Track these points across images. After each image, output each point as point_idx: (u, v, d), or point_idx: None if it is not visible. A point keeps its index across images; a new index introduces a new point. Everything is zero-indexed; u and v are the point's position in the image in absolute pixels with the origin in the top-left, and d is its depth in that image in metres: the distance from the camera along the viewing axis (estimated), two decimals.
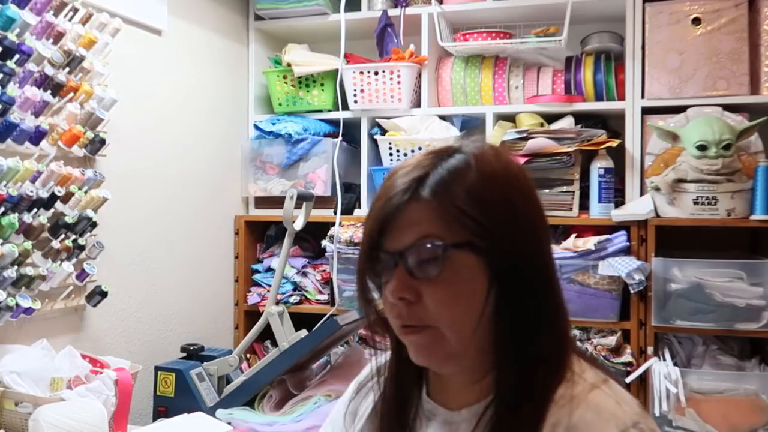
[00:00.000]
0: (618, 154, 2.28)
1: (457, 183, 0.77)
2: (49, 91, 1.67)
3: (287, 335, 2.00)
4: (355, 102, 2.49)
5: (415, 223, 0.76)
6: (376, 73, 2.44)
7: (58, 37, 1.68)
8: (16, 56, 1.57)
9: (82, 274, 1.80)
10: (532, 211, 0.80)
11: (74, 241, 1.76)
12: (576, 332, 2.14)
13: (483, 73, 2.43)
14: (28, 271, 1.62)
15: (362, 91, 2.47)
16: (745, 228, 2.25)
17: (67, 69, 1.72)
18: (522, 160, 2.22)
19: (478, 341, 0.77)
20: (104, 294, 1.85)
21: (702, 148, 2.06)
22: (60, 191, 1.68)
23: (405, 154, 2.41)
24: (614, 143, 2.21)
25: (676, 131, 2.12)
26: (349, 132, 2.56)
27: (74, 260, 1.77)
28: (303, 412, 1.83)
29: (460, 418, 0.82)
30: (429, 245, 0.75)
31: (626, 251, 2.14)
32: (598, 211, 2.23)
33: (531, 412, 0.75)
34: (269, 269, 2.56)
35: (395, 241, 0.78)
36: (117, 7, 1.92)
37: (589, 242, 2.15)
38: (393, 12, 2.50)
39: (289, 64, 2.54)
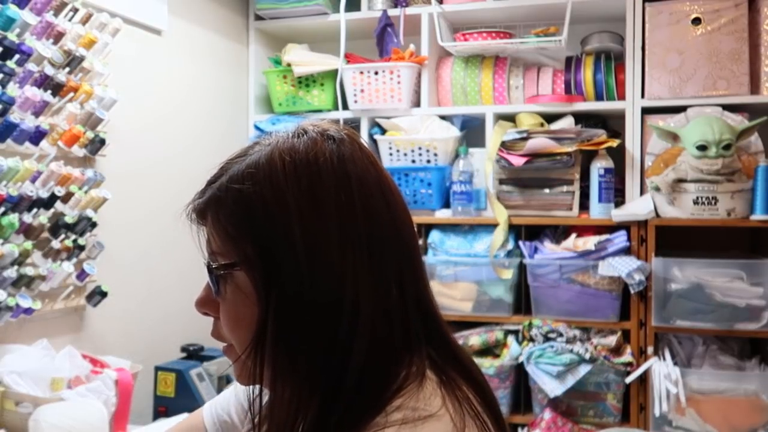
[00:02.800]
0: (618, 154, 2.28)
1: (236, 195, 0.69)
2: (49, 91, 1.67)
3: None
4: (355, 102, 2.49)
5: (210, 232, 0.74)
6: (376, 73, 2.44)
7: (58, 37, 1.68)
8: (16, 56, 1.57)
9: (82, 274, 1.80)
10: (323, 221, 0.66)
11: (74, 241, 1.76)
12: (576, 332, 2.14)
13: (483, 73, 2.43)
14: (28, 271, 1.62)
15: (362, 91, 2.47)
16: (745, 228, 2.25)
17: (67, 69, 1.72)
18: (522, 160, 2.23)
19: (275, 368, 0.68)
20: (104, 294, 1.85)
21: (702, 148, 2.06)
22: (60, 191, 1.68)
23: (405, 154, 2.42)
24: (614, 143, 2.21)
25: (676, 131, 2.12)
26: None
27: (74, 260, 1.77)
28: None
29: None
30: (209, 263, 0.73)
31: (626, 251, 2.14)
32: (598, 211, 2.23)
33: None
34: None
35: (206, 247, 0.76)
36: (117, 7, 1.91)
37: (589, 242, 2.15)
38: (393, 12, 2.50)
39: (289, 64, 2.54)
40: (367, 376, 0.65)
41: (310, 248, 0.66)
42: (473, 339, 2.22)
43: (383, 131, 2.47)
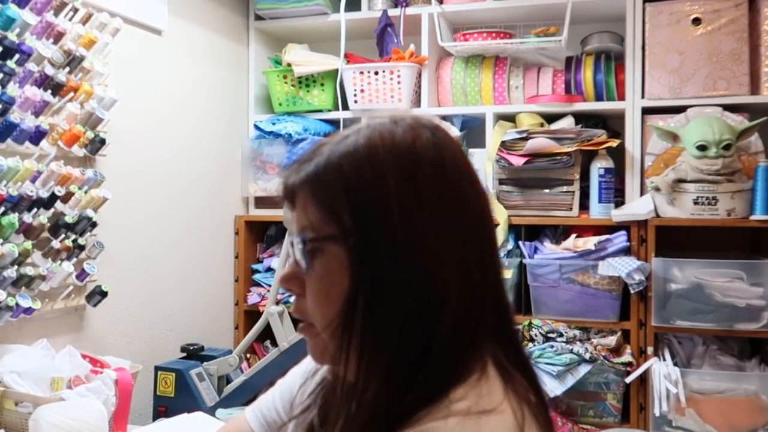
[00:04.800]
0: (618, 154, 2.28)
1: (336, 171, 0.69)
2: (49, 91, 1.67)
3: (287, 335, 2.00)
4: (355, 102, 2.49)
5: (301, 208, 0.72)
6: (376, 73, 2.44)
7: (58, 37, 1.68)
8: (16, 56, 1.57)
9: (82, 274, 1.80)
10: (420, 204, 0.68)
11: (74, 241, 1.76)
12: (576, 332, 2.14)
13: (483, 73, 2.43)
14: (28, 271, 1.62)
15: (362, 91, 2.47)
16: (745, 228, 2.25)
17: (67, 69, 1.72)
18: (522, 160, 2.23)
19: (350, 348, 0.68)
20: (104, 294, 1.85)
21: (702, 148, 2.06)
22: (60, 191, 1.68)
23: None
24: (614, 143, 2.21)
25: (676, 131, 2.12)
26: None
27: (74, 260, 1.77)
28: None
29: None
30: (302, 237, 0.71)
31: (626, 251, 2.14)
32: (598, 211, 2.23)
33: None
34: (269, 269, 2.56)
35: (291, 226, 0.74)
36: (117, 7, 1.91)
37: (589, 242, 2.15)
38: (393, 12, 2.50)
39: (289, 64, 2.54)
40: (442, 361, 0.67)
41: (406, 228, 0.67)
42: None
43: None
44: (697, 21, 2.20)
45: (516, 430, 0.64)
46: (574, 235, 2.22)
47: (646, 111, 2.27)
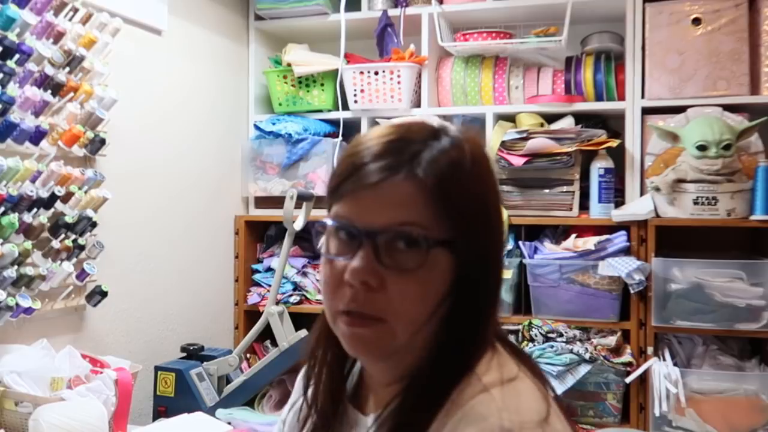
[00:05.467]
0: (618, 154, 2.28)
1: (453, 171, 0.69)
2: (49, 91, 1.67)
3: (287, 335, 2.00)
4: (355, 102, 2.49)
5: (399, 203, 0.68)
6: (376, 73, 2.44)
7: (58, 36, 1.68)
8: (16, 56, 1.57)
9: (82, 274, 1.80)
10: (499, 210, 0.75)
11: (74, 241, 1.76)
12: (576, 332, 2.14)
13: (483, 73, 2.43)
14: (28, 271, 1.62)
15: (362, 91, 2.47)
16: (745, 228, 2.25)
17: (67, 69, 1.72)
18: (522, 160, 2.23)
19: (419, 340, 0.72)
20: (104, 294, 1.85)
21: (702, 148, 2.06)
22: (60, 191, 1.68)
23: None
24: (614, 143, 2.21)
25: (676, 131, 2.12)
26: (349, 132, 2.56)
27: (74, 260, 1.77)
28: None
29: (368, 423, 0.77)
30: (414, 235, 0.68)
31: (626, 251, 2.14)
32: (598, 211, 2.22)
33: (422, 420, 0.69)
34: (269, 269, 2.56)
35: (369, 216, 0.69)
36: (117, 7, 1.91)
37: (589, 242, 2.15)
38: (393, 12, 2.50)
39: (289, 64, 2.54)
40: (478, 344, 0.73)
41: (499, 236, 0.75)
42: None
43: None
44: (697, 21, 2.20)
45: (539, 393, 0.71)
46: (574, 235, 2.22)
47: (646, 111, 2.27)
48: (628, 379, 2.09)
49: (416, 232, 0.68)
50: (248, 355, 2.44)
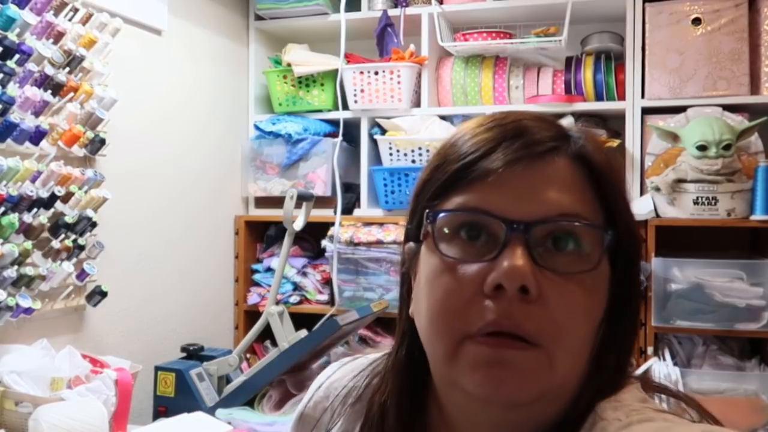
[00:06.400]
0: (618, 154, 2.28)
1: (607, 158, 0.56)
2: (49, 91, 1.67)
3: (287, 335, 2.00)
4: (355, 102, 2.49)
5: (562, 188, 0.52)
6: (376, 73, 2.44)
7: (58, 37, 1.68)
8: (16, 56, 1.57)
9: (82, 274, 1.80)
10: None
11: (74, 241, 1.76)
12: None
13: (483, 73, 2.43)
14: (28, 271, 1.62)
15: (362, 91, 2.47)
16: (745, 228, 2.25)
17: (67, 69, 1.72)
18: None
19: (575, 377, 0.55)
20: (104, 294, 1.85)
21: (702, 148, 2.06)
22: (60, 191, 1.68)
23: (405, 154, 2.41)
24: (614, 143, 2.21)
25: (676, 131, 2.12)
26: (349, 132, 2.56)
27: (74, 260, 1.77)
28: None
29: None
30: (586, 230, 0.52)
31: None
32: None
33: None
34: (269, 269, 2.56)
35: (520, 203, 0.52)
36: (117, 7, 1.91)
37: None
38: (393, 12, 2.50)
39: (289, 64, 2.54)
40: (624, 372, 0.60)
41: (639, 247, 0.59)
42: None
43: (383, 131, 2.47)
44: (697, 21, 2.20)
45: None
46: None
47: (646, 111, 2.27)
48: None
49: (587, 225, 0.52)
50: (248, 355, 2.44)
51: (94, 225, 1.80)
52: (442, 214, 0.54)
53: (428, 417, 0.61)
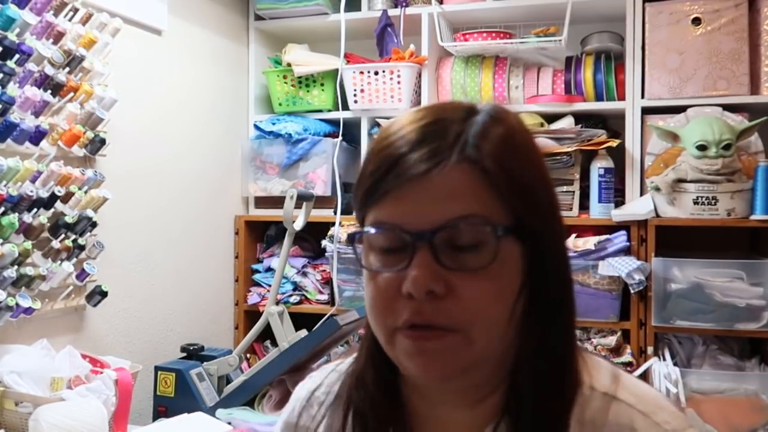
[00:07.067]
0: (618, 154, 2.28)
1: (506, 145, 0.61)
2: (49, 91, 1.67)
3: (287, 335, 2.00)
4: (355, 102, 2.49)
5: (453, 193, 0.59)
6: (376, 73, 2.44)
7: (58, 37, 1.68)
8: (16, 56, 1.57)
9: (82, 274, 1.80)
10: (554, 192, 0.67)
11: (74, 241, 1.76)
12: (576, 332, 2.14)
13: (483, 73, 2.43)
14: (28, 271, 1.62)
15: (362, 91, 2.47)
16: (745, 228, 2.25)
17: (67, 69, 1.72)
18: None
19: (500, 347, 0.64)
20: (104, 294, 1.85)
21: (702, 148, 2.06)
22: (60, 191, 1.68)
23: None
24: (614, 143, 2.21)
25: (676, 131, 2.12)
26: (349, 132, 2.56)
27: (74, 260, 1.77)
28: None
29: None
30: (477, 227, 0.59)
31: (626, 251, 2.14)
32: (598, 211, 2.22)
33: None
34: (269, 269, 2.56)
35: (420, 214, 0.59)
36: (117, 7, 1.91)
37: (589, 242, 2.15)
38: (393, 12, 2.50)
39: (289, 64, 2.54)
40: (570, 349, 0.68)
41: (558, 215, 0.66)
42: None
43: None
44: (697, 21, 2.20)
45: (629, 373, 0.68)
46: (574, 235, 2.22)
47: (646, 111, 2.27)
48: None
49: (479, 223, 0.59)
50: (248, 355, 2.44)
51: (94, 225, 1.80)
52: (358, 235, 0.63)
53: (403, 386, 0.71)
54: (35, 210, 1.64)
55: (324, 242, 2.40)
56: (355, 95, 2.48)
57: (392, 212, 0.60)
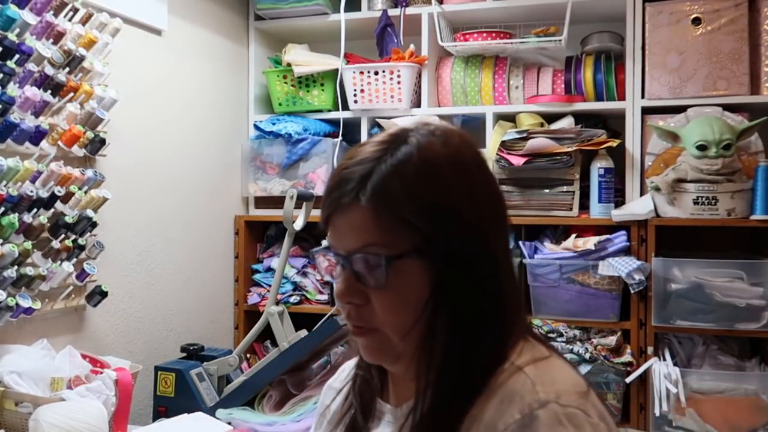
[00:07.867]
0: (618, 154, 2.28)
1: (398, 184, 0.73)
2: (49, 91, 1.67)
3: (287, 335, 2.00)
4: (355, 102, 2.49)
5: (358, 228, 0.74)
6: (376, 73, 2.44)
7: (58, 37, 1.68)
8: (16, 56, 1.57)
9: (82, 274, 1.80)
10: (478, 204, 0.76)
11: (74, 241, 1.76)
12: (576, 332, 2.14)
13: (483, 73, 2.43)
14: (28, 271, 1.62)
15: (362, 91, 2.47)
16: (745, 228, 2.25)
17: (67, 69, 1.72)
18: (522, 160, 2.23)
19: (420, 339, 0.76)
20: (104, 294, 1.85)
21: (702, 148, 2.06)
22: (60, 191, 1.68)
23: None
24: (614, 143, 2.21)
25: (676, 131, 2.12)
26: (349, 132, 2.56)
27: (74, 260, 1.77)
28: (303, 412, 1.83)
29: (401, 413, 0.81)
30: (372, 255, 0.73)
31: (626, 251, 2.14)
32: (598, 211, 2.22)
33: (455, 410, 0.73)
34: (269, 269, 2.56)
35: (341, 242, 0.76)
36: (117, 7, 1.91)
37: (589, 242, 2.15)
38: (393, 12, 2.50)
39: (289, 64, 2.54)
40: (503, 341, 0.76)
41: (475, 231, 0.75)
42: None
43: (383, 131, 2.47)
44: (697, 21, 2.20)
45: (575, 371, 0.75)
46: (574, 235, 2.22)
47: (646, 111, 2.27)
48: (628, 379, 2.09)
49: (372, 252, 0.73)
50: (248, 355, 2.44)
51: (94, 225, 1.80)
52: (320, 250, 0.83)
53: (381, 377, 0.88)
54: (35, 210, 1.64)
55: (324, 242, 2.40)
56: (355, 95, 2.48)
57: (330, 236, 0.78)
